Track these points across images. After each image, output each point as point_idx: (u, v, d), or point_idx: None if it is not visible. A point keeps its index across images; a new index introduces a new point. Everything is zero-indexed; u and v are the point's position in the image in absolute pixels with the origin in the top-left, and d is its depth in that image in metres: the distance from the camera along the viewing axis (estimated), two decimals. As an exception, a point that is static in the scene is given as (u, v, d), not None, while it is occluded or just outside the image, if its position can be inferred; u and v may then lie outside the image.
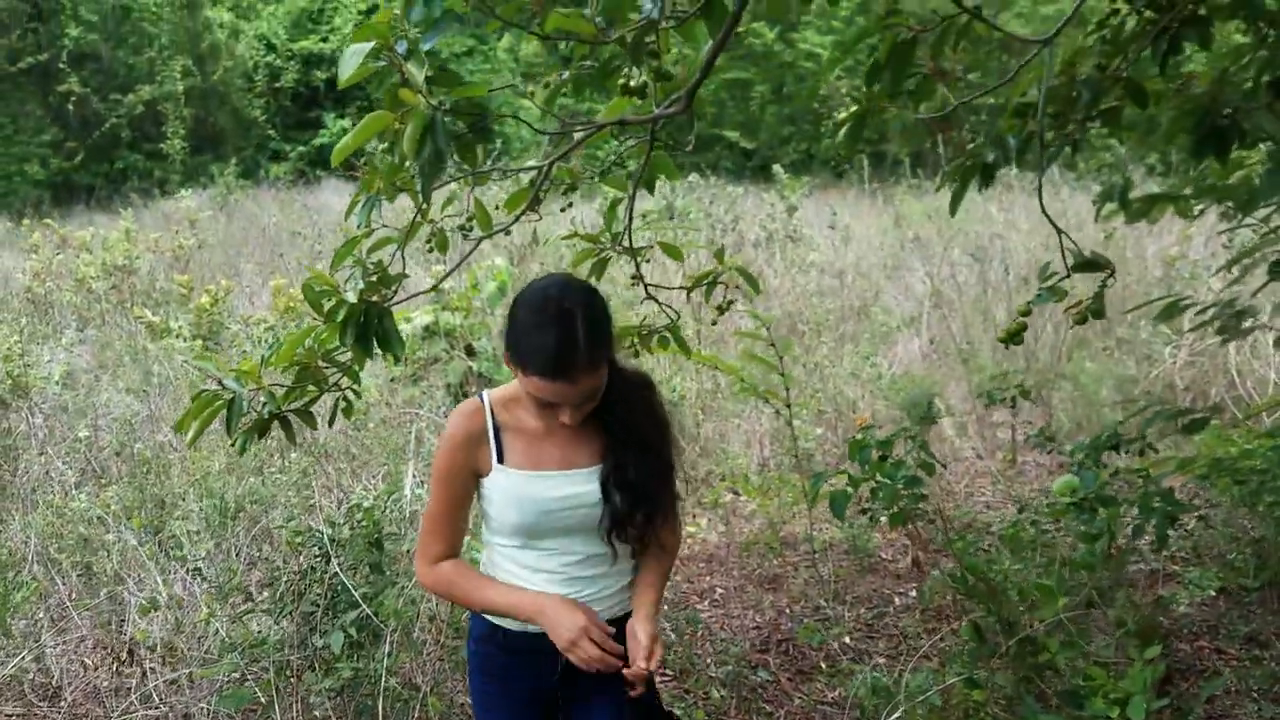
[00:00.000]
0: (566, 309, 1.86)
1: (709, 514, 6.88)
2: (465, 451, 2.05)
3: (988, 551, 3.22)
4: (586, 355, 1.87)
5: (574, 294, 1.90)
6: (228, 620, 3.53)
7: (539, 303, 1.90)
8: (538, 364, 1.86)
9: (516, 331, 1.92)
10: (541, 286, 1.95)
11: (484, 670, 2.21)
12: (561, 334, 1.85)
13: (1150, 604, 3.43)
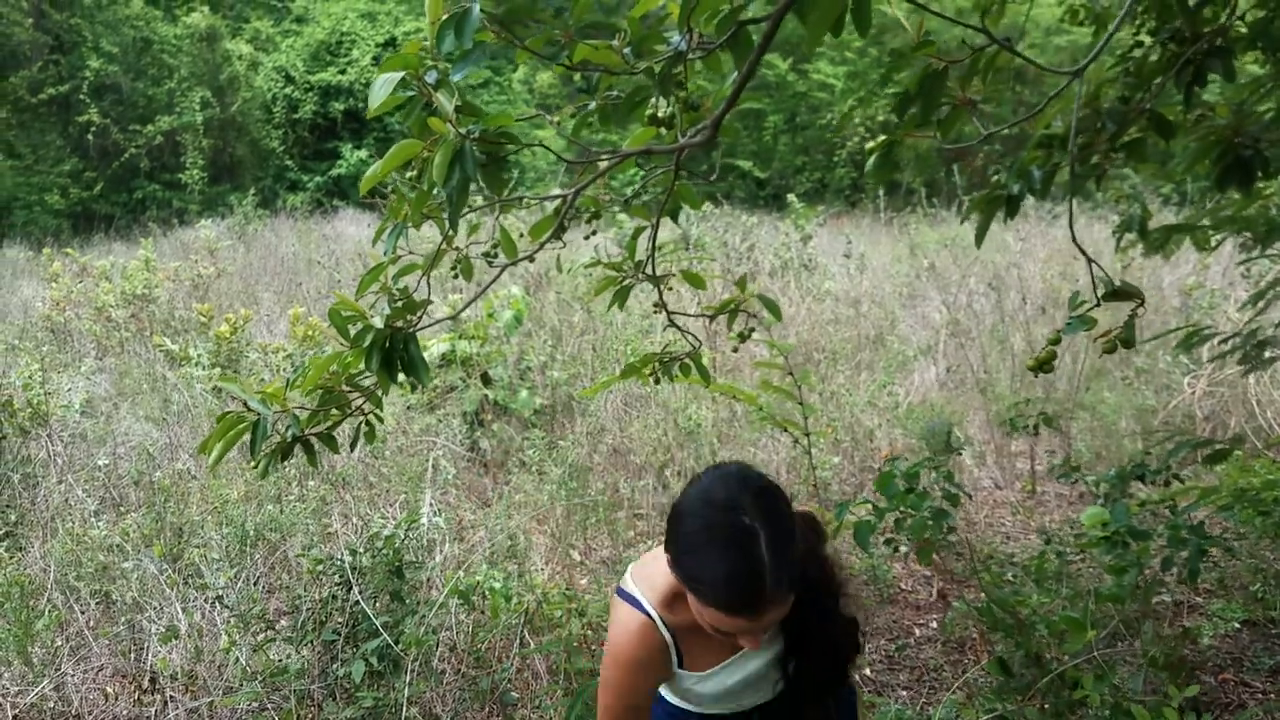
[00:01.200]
0: (747, 528, 1.53)
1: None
2: (646, 672, 1.79)
3: (1012, 583, 3.19)
4: (773, 586, 1.53)
5: (753, 505, 1.55)
6: (249, 649, 3.52)
7: (711, 517, 1.56)
8: (713, 597, 1.55)
9: (684, 546, 1.60)
10: (712, 494, 1.60)
11: None
12: (743, 563, 1.52)
13: (1177, 636, 3.39)
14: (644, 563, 1.81)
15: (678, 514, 1.64)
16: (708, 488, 1.62)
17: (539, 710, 3.78)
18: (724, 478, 1.63)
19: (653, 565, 1.76)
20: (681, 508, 1.64)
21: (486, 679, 3.44)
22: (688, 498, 1.64)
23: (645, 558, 1.83)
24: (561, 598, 4.23)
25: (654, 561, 1.75)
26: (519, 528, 5.87)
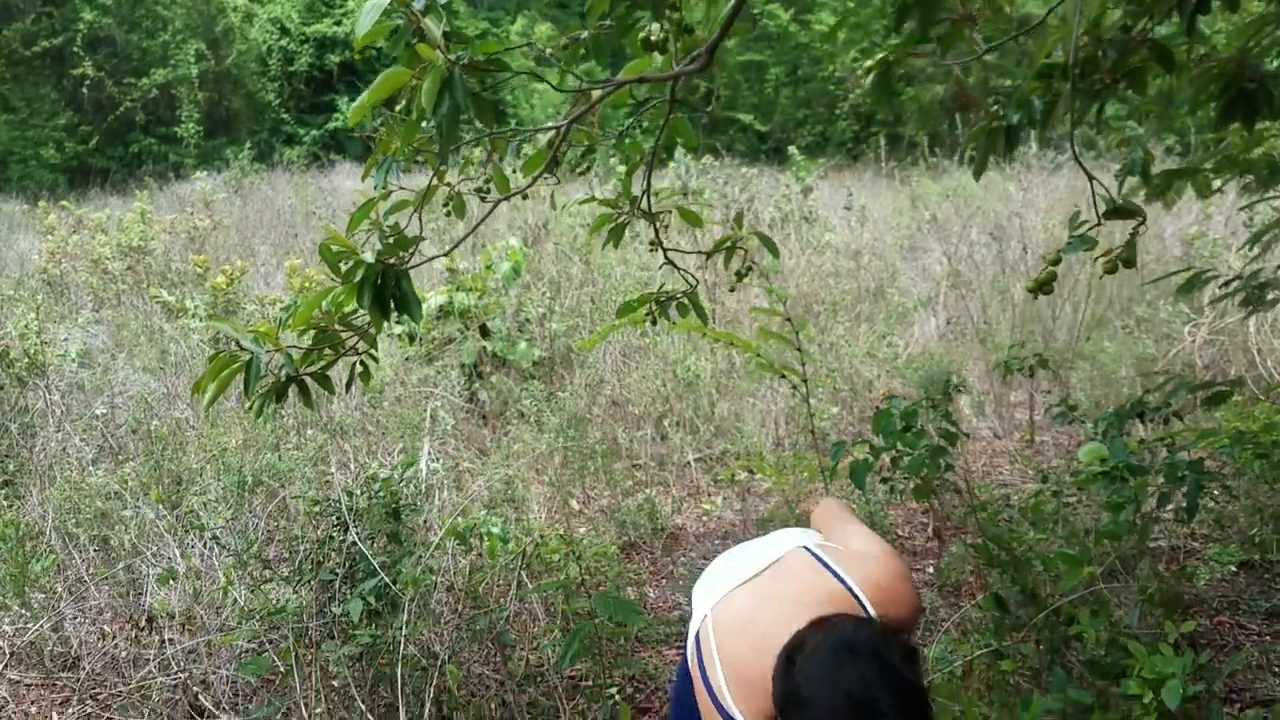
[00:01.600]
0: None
1: (724, 492, 6.87)
2: None
3: (1008, 523, 3.19)
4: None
5: (894, 705, 1.42)
6: (246, 589, 3.53)
7: (848, 709, 1.42)
8: None
9: (802, 713, 1.47)
10: (849, 685, 1.44)
11: None
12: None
13: (1174, 574, 3.40)
14: (740, 673, 1.64)
15: (801, 697, 1.47)
16: (848, 675, 1.45)
17: (536, 651, 3.81)
18: (859, 664, 1.45)
19: (756, 694, 1.60)
20: (809, 692, 1.46)
21: (484, 619, 3.46)
22: (816, 679, 1.46)
23: (737, 660, 1.65)
24: (559, 542, 4.25)
25: (759, 692, 1.59)
26: (517, 476, 5.88)
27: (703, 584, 2.01)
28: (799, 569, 1.78)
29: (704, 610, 1.80)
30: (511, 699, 3.41)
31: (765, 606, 1.71)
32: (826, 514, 2.16)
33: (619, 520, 5.90)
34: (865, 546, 1.88)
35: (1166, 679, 2.31)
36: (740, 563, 1.93)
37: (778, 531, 2.19)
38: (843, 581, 1.72)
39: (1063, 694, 2.44)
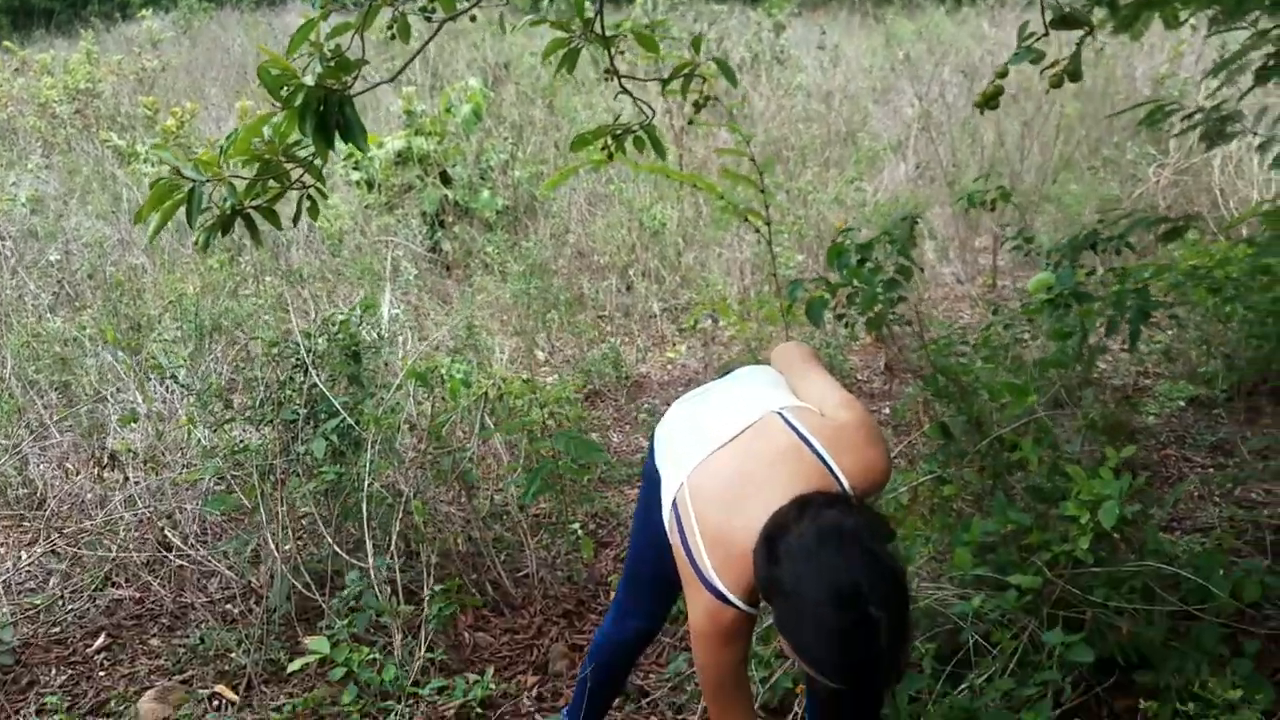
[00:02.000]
0: (872, 619, 1.42)
1: (689, 340, 6.93)
2: (742, 641, 1.74)
3: (960, 357, 3.25)
4: (886, 671, 1.50)
5: (880, 594, 1.44)
6: (208, 429, 3.56)
7: (834, 600, 1.44)
8: (817, 669, 1.49)
9: (794, 612, 1.49)
10: (838, 577, 1.45)
11: None
12: (860, 652, 1.44)
13: (1118, 402, 3.50)
14: (719, 543, 1.66)
15: (787, 573, 1.49)
16: (833, 565, 1.46)
17: (501, 490, 3.89)
18: (850, 556, 1.46)
19: (735, 563, 1.62)
20: (796, 572, 1.48)
21: (448, 459, 3.51)
22: (804, 567, 1.47)
23: (716, 531, 1.67)
24: (523, 387, 4.29)
25: (738, 560, 1.62)
26: (481, 325, 5.89)
27: (669, 438, 1.99)
28: (775, 438, 1.77)
29: (680, 478, 1.80)
30: (477, 535, 3.50)
31: (743, 478, 1.71)
32: (789, 360, 2.11)
33: (584, 369, 5.95)
34: (834, 405, 1.84)
35: (1104, 501, 2.39)
36: (710, 422, 1.89)
37: (741, 372, 2.18)
38: (820, 456, 1.72)
39: (1003, 516, 2.52)
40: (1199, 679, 2.30)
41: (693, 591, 1.69)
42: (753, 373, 2.14)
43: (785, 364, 2.11)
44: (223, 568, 3.50)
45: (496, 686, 2.89)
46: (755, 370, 2.16)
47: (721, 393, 2.05)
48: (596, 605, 3.38)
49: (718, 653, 1.69)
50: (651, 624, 2.29)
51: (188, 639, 3.25)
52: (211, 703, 2.94)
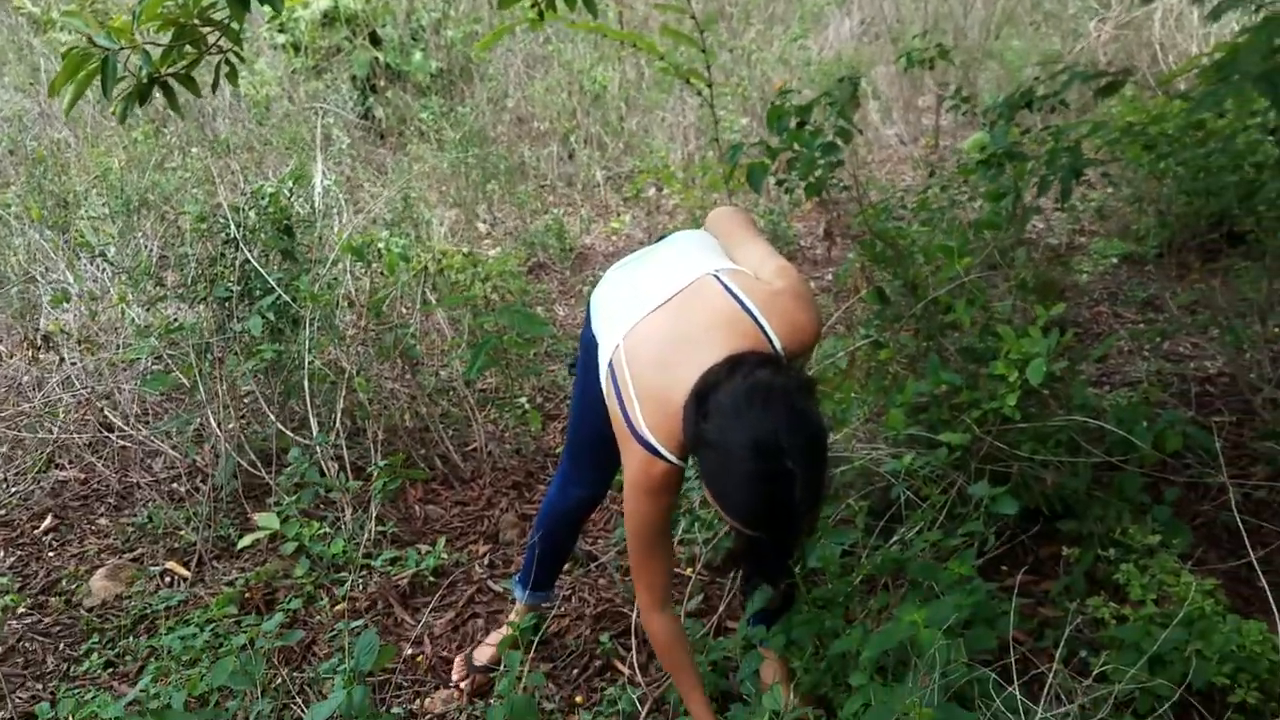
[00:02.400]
0: (788, 472, 1.49)
1: (633, 209, 6.87)
2: (670, 495, 1.80)
3: (899, 221, 3.26)
4: (801, 519, 1.58)
5: (798, 448, 1.50)
6: (142, 308, 3.49)
7: (755, 452, 1.50)
8: (736, 517, 1.58)
9: (717, 463, 1.55)
10: (760, 433, 1.50)
11: None
12: (778, 499, 1.51)
13: (1049, 261, 3.55)
14: (653, 403, 1.70)
15: (709, 438, 1.55)
16: (755, 432, 1.51)
17: (446, 366, 3.89)
18: (775, 412, 1.51)
19: (668, 420, 1.67)
20: (721, 426, 1.53)
21: (390, 335, 3.49)
22: (728, 421, 1.52)
23: (650, 391, 1.71)
24: (464, 260, 4.24)
25: (670, 417, 1.66)
26: (419, 196, 5.77)
27: (605, 302, 2.00)
28: (710, 300, 1.78)
29: (615, 339, 1.81)
30: (424, 410, 3.51)
31: (678, 339, 1.74)
32: (725, 225, 2.11)
33: (527, 241, 5.89)
34: (770, 272, 1.86)
35: (1032, 359, 2.45)
36: (645, 283, 1.90)
37: (677, 236, 2.17)
38: (754, 317, 1.74)
39: (935, 377, 2.58)
40: (1120, 526, 2.42)
41: (627, 446, 1.75)
42: (688, 237, 2.13)
43: (721, 229, 2.11)
44: (166, 447, 3.49)
45: (448, 556, 2.96)
46: (691, 235, 2.14)
47: (657, 257, 2.05)
48: (545, 476, 3.44)
49: (646, 503, 1.77)
50: (595, 491, 2.34)
51: (135, 518, 3.26)
52: (163, 579, 2.97)
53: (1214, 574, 2.39)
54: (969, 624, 1.98)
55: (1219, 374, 3.66)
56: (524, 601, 2.47)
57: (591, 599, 2.76)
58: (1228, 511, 2.68)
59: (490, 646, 2.51)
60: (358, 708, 1.72)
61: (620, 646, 2.55)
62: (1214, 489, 2.83)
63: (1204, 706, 2.02)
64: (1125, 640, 2.06)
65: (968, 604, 1.91)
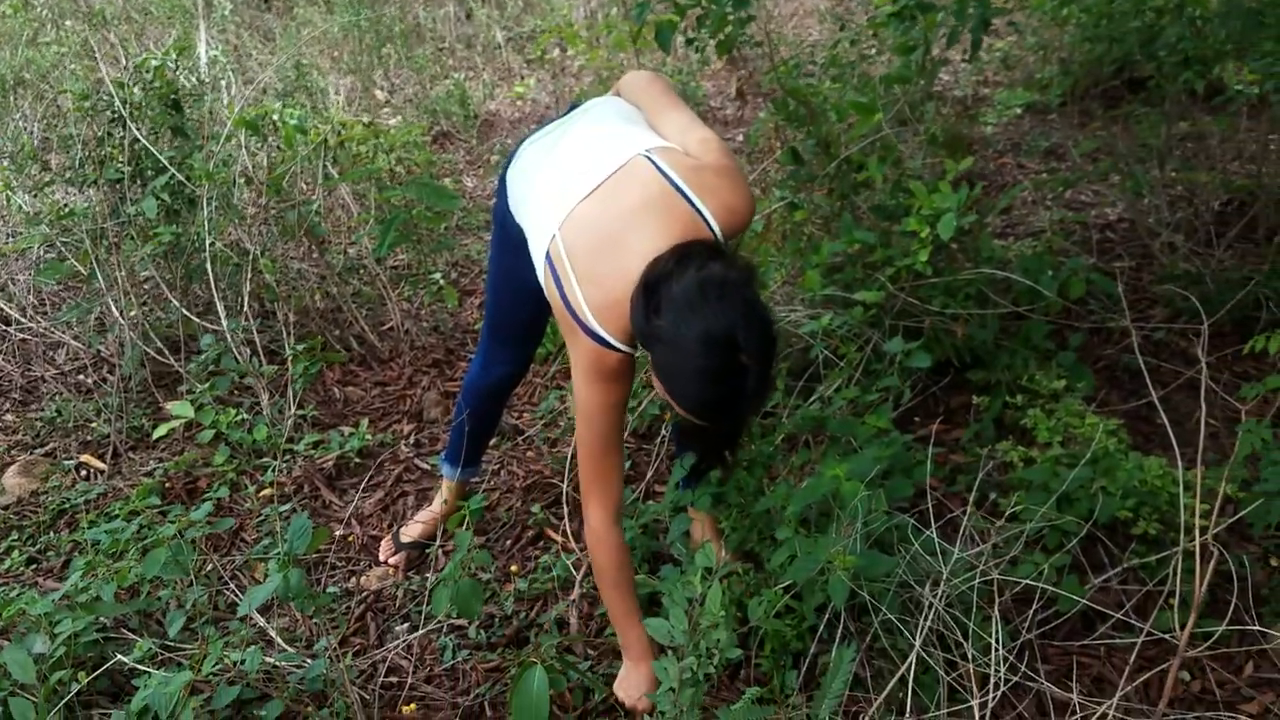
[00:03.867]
0: (741, 365, 1.51)
1: (536, 72, 6.67)
2: (624, 381, 1.76)
3: (809, 77, 3.23)
4: (751, 411, 1.63)
5: (753, 343, 1.51)
6: (27, 194, 3.30)
7: (709, 346, 1.50)
8: (688, 408, 1.58)
9: (670, 357, 1.55)
10: (712, 328, 1.50)
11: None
12: (731, 393, 1.53)
13: (958, 114, 3.58)
14: (597, 292, 1.67)
15: (661, 332, 1.54)
16: (712, 313, 1.50)
17: (354, 244, 3.79)
18: (728, 306, 1.51)
19: (614, 309, 1.64)
20: (673, 316, 1.52)
21: (293, 213, 3.37)
22: (678, 316, 1.51)
23: (595, 281, 1.67)
24: (365, 131, 4.08)
25: (615, 305, 1.64)
26: (310, 63, 5.51)
27: (527, 184, 1.92)
28: (644, 182, 1.72)
29: (550, 230, 1.74)
30: (335, 290, 3.43)
31: (616, 225, 1.69)
32: (643, 91, 2.02)
33: (429, 109, 5.69)
34: (696, 145, 1.81)
35: (942, 214, 2.49)
36: (571, 165, 1.82)
37: (592, 105, 2.07)
38: (690, 200, 1.70)
39: (849, 237, 2.61)
40: (1027, 373, 2.52)
41: (574, 340, 1.71)
42: (604, 107, 2.04)
43: (638, 95, 2.03)
44: (68, 338, 3.37)
45: (373, 437, 2.95)
46: (607, 104, 2.06)
47: (578, 133, 1.95)
48: (465, 353, 3.42)
49: (600, 392, 1.73)
50: (517, 368, 2.34)
51: (43, 412, 3.17)
52: (79, 472, 2.91)
53: (1116, 414, 2.53)
54: (887, 474, 2.07)
55: (1119, 220, 3.78)
56: (453, 479, 2.49)
57: (520, 471, 2.79)
58: (1129, 354, 2.82)
59: (418, 524, 2.53)
60: (294, 590, 1.73)
61: (552, 516, 2.60)
62: (1115, 333, 2.96)
63: (1109, 539, 2.16)
64: (1034, 481, 2.17)
65: (886, 456, 1.98)
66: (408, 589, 2.39)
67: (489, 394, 2.37)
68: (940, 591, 1.74)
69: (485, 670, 2.15)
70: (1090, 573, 2.11)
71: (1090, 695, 1.88)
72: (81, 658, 2.05)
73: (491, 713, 2.05)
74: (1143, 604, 2.03)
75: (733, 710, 1.49)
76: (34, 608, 2.04)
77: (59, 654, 1.96)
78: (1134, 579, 2.10)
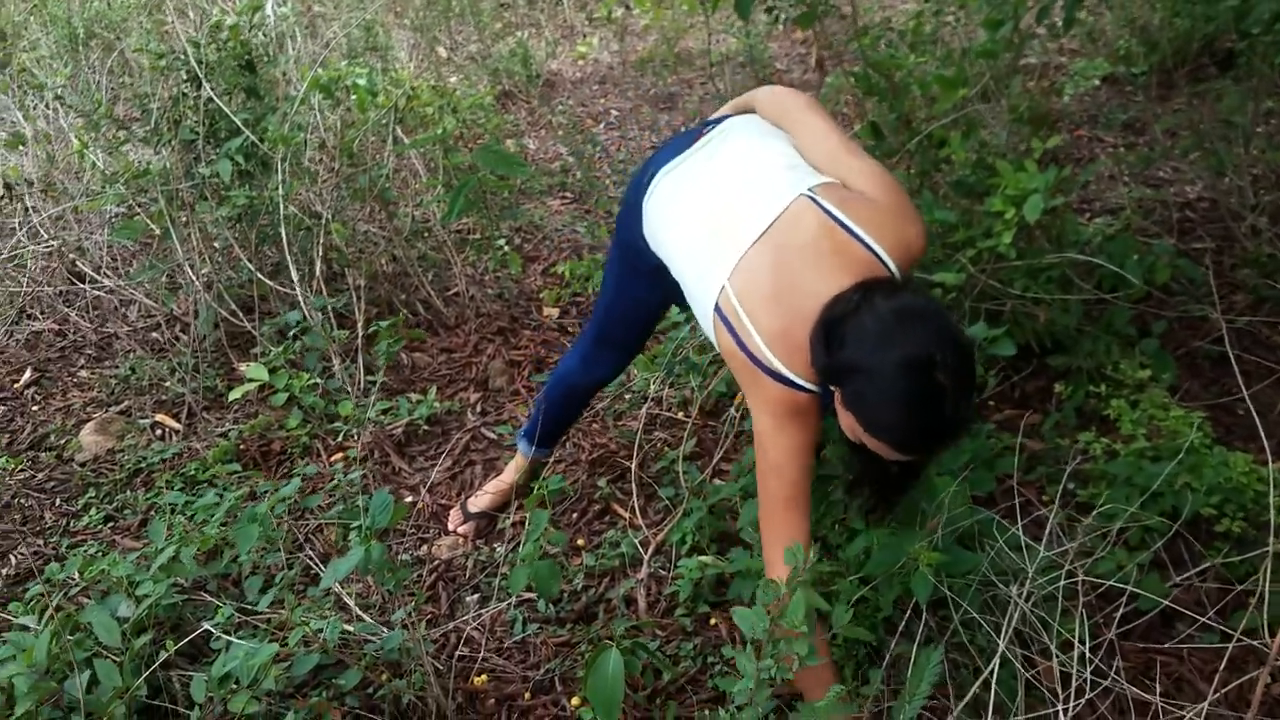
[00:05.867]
0: (940, 386, 1.43)
1: (600, 31, 6.59)
2: (812, 424, 1.67)
3: (890, 48, 3.14)
4: (951, 436, 1.53)
5: (950, 361, 1.44)
6: (103, 153, 3.33)
7: (906, 369, 1.44)
8: (891, 438, 1.50)
9: (864, 386, 1.49)
10: (910, 350, 1.44)
11: None
12: (931, 416, 1.46)
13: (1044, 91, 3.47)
14: (780, 338, 1.60)
15: (852, 362, 1.48)
16: (908, 339, 1.45)
17: (420, 207, 3.79)
18: (926, 330, 1.46)
19: (799, 353, 1.58)
20: (861, 356, 1.47)
21: (363, 177, 3.37)
22: (879, 343, 1.45)
23: (775, 328, 1.60)
24: (433, 94, 4.06)
25: (798, 349, 1.57)
26: (376, 20, 5.48)
27: (675, 228, 1.84)
28: (810, 226, 1.65)
29: (717, 281, 1.68)
30: (401, 254, 3.44)
31: (789, 272, 1.63)
32: (788, 114, 1.89)
33: (491, 68, 5.65)
34: (860, 178, 1.72)
35: (1029, 194, 2.42)
36: (732, 211, 1.73)
37: (733, 127, 1.94)
38: (862, 241, 1.63)
39: (929, 214, 2.55)
40: (1110, 360, 2.46)
41: (758, 387, 1.64)
42: (749, 134, 1.91)
43: (783, 117, 1.91)
44: (141, 296, 3.41)
45: (440, 405, 2.96)
46: (750, 130, 1.92)
47: (727, 169, 1.84)
48: (529, 321, 3.42)
49: (794, 437, 1.65)
50: (614, 373, 2.37)
51: (117, 370, 3.22)
52: (154, 431, 2.96)
53: (1199, 405, 2.47)
54: (967, 465, 2.03)
55: (1199, 199, 3.66)
56: (528, 456, 2.50)
57: (587, 445, 2.79)
58: (1212, 344, 2.74)
59: (487, 494, 2.54)
60: (376, 563, 1.75)
61: (618, 491, 2.60)
62: (1197, 320, 2.88)
63: (1190, 534, 2.11)
64: (1117, 475, 2.12)
65: (969, 447, 1.94)
66: (477, 559, 2.41)
67: (583, 390, 2.40)
68: (1025, 590, 1.71)
69: (555, 645, 2.17)
70: (1171, 569, 2.07)
71: (1169, 697, 1.85)
72: (160, 619, 2.09)
73: (562, 688, 2.07)
74: (1223, 603, 1.99)
75: (816, 708, 1.48)
76: (116, 569, 2.08)
77: (141, 616, 2.00)
78: (1214, 576, 2.06)
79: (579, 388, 2.38)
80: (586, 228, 3.83)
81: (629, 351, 2.32)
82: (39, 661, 1.78)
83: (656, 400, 2.86)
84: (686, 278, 1.81)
